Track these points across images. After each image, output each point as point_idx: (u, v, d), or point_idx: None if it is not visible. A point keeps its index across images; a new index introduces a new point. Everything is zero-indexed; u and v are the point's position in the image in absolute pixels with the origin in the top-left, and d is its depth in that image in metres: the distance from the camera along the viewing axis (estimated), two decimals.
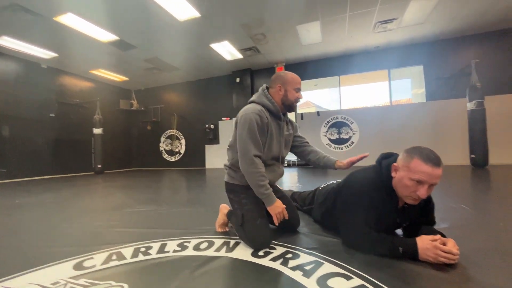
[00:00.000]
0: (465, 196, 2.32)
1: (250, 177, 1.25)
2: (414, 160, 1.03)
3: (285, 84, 1.38)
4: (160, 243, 1.36)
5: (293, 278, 0.94)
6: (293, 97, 1.38)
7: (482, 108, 4.51)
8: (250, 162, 1.24)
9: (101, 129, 6.49)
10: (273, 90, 1.40)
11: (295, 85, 1.38)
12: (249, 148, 1.24)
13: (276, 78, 1.41)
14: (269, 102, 1.37)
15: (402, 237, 1.11)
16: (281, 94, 1.38)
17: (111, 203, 2.55)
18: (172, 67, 6.64)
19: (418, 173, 1.01)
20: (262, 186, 1.24)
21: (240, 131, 1.27)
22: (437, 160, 1.01)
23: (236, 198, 1.38)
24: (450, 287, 0.85)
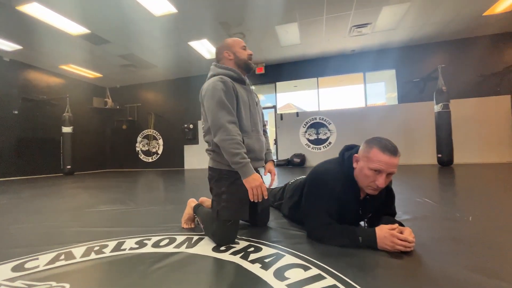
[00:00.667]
0: (430, 191, 2.43)
1: (223, 145, 1.13)
2: (373, 150, 1.05)
3: (230, 48, 1.32)
4: (117, 241, 1.27)
5: (250, 270, 0.91)
6: (244, 55, 1.32)
7: (448, 110, 4.78)
8: (223, 129, 1.13)
9: (71, 128, 6.12)
10: (222, 60, 1.33)
11: (239, 44, 1.34)
12: (219, 116, 1.14)
13: (219, 49, 1.35)
14: (226, 70, 1.28)
15: (362, 227, 1.12)
16: (232, 58, 1.32)
17: (72, 203, 2.39)
18: (149, 64, 6.43)
19: (376, 162, 1.02)
20: (237, 154, 1.10)
21: (208, 104, 1.18)
22: (394, 150, 1.03)
23: (216, 189, 1.23)
24: (403, 272, 0.86)
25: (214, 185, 1.26)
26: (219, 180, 1.23)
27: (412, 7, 4.25)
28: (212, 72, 1.30)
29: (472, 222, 1.40)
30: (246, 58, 1.33)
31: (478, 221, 1.42)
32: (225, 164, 1.22)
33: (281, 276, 0.86)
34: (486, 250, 1.04)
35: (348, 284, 0.79)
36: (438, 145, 4.89)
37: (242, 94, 1.26)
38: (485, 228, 1.30)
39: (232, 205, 1.18)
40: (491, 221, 1.41)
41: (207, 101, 1.19)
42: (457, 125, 5.01)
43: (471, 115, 5.27)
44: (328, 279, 0.83)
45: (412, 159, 5.62)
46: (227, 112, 1.16)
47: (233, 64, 1.32)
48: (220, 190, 1.21)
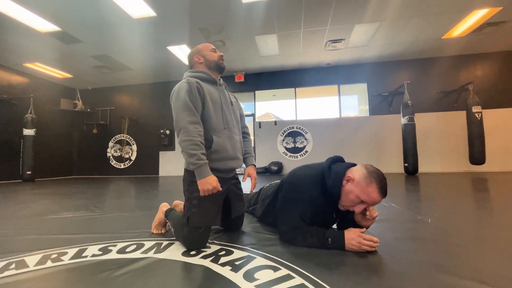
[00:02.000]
0: (396, 197, 2.58)
1: (182, 146, 1.12)
2: (372, 185, 1.05)
3: (199, 52, 1.36)
4: (78, 248, 1.19)
5: (220, 273, 0.89)
6: (214, 57, 1.35)
7: (413, 123, 5.16)
8: (184, 130, 1.12)
9: (33, 130, 5.66)
10: (195, 65, 1.37)
11: (209, 47, 1.38)
12: (181, 117, 1.14)
13: (190, 55, 1.39)
14: (196, 72, 1.31)
15: (331, 229, 1.15)
16: (202, 61, 1.35)
17: (30, 210, 2.19)
18: (124, 67, 6.22)
19: (368, 197, 1.06)
20: (193, 155, 1.09)
21: (173, 105, 1.19)
22: (386, 193, 1.07)
23: (188, 194, 1.20)
24: (367, 269, 0.90)
25: (187, 189, 1.22)
26: (191, 184, 1.19)
27: (381, 26, 4.59)
28: (185, 75, 1.32)
29: (431, 224, 1.50)
30: (216, 60, 1.35)
31: (436, 223, 1.53)
32: None
33: (251, 277, 0.86)
34: (441, 249, 1.12)
35: (316, 282, 0.81)
36: (404, 155, 5.23)
37: (212, 93, 1.27)
38: (442, 229, 1.40)
39: (203, 212, 1.15)
40: (447, 223, 1.53)
41: (173, 103, 1.20)
42: (421, 137, 5.41)
43: (433, 128, 5.73)
44: (297, 279, 0.84)
45: (382, 167, 5.93)
46: (189, 113, 1.15)
47: (203, 67, 1.35)
48: (192, 195, 1.19)
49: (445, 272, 0.87)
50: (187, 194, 1.22)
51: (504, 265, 0.92)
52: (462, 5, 4.01)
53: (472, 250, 1.09)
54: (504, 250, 1.08)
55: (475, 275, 0.84)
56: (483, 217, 1.68)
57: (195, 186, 1.16)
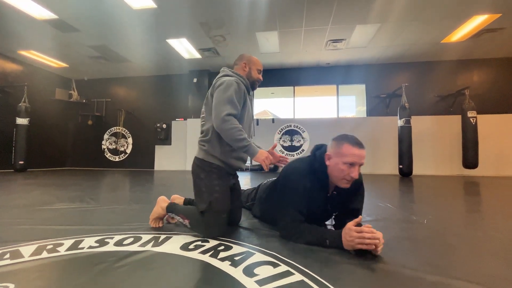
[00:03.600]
0: (391, 198, 2.61)
1: (227, 133, 1.21)
2: (344, 145, 1.12)
3: (250, 62, 1.45)
4: (75, 240, 1.17)
5: (219, 268, 0.89)
6: (255, 76, 1.46)
7: (409, 125, 5.21)
8: (227, 119, 1.21)
9: (27, 120, 5.55)
10: (238, 67, 1.45)
11: (258, 66, 1.47)
12: (226, 107, 1.22)
13: (242, 56, 1.47)
14: (241, 77, 1.39)
15: (330, 229, 1.16)
16: (246, 71, 1.44)
17: (23, 200, 2.15)
18: (122, 58, 6.13)
19: (350, 156, 1.09)
20: (241, 139, 1.19)
21: (218, 95, 1.26)
22: (361, 143, 1.13)
23: (207, 181, 1.28)
24: (365, 267, 0.91)
25: (204, 175, 1.30)
26: (210, 173, 1.30)
27: (382, 28, 4.60)
28: (226, 73, 1.40)
29: (426, 225, 1.53)
30: (255, 79, 1.46)
31: (430, 224, 1.55)
32: (217, 159, 1.30)
33: (251, 273, 0.86)
34: (436, 249, 1.14)
35: (315, 279, 0.82)
36: (400, 157, 5.28)
37: (248, 101, 1.39)
38: (436, 230, 1.42)
39: (224, 197, 1.27)
40: (441, 224, 1.55)
41: (218, 93, 1.27)
42: (416, 139, 5.47)
43: (428, 131, 5.80)
44: (296, 275, 0.84)
45: (377, 169, 6.00)
46: (233, 106, 1.24)
47: (244, 76, 1.43)
48: (212, 183, 1.28)
49: (439, 272, 0.88)
50: (205, 182, 1.28)
51: (496, 266, 0.94)
52: (462, 10, 4.04)
53: (465, 251, 1.11)
54: (496, 251, 1.10)
55: (469, 275, 0.86)
56: (475, 219, 1.71)
57: (213, 175, 1.29)
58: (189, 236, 1.23)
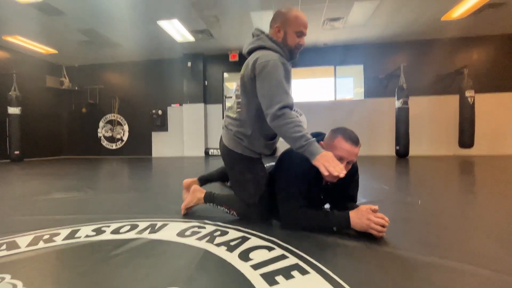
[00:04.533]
0: (387, 179, 2.64)
1: (281, 130, 1.05)
2: (337, 138, 1.09)
3: (285, 24, 1.15)
4: (71, 229, 1.18)
5: (215, 254, 0.90)
6: (293, 42, 1.17)
7: (407, 106, 5.18)
8: (279, 114, 1.03)
9: (18, 109, 5.44)
10: (271, 30, 1.19)
11: (298, 27, 1.15)
12: (275, 101, 1.03)
13: (277, 15, 1.19)
14: (278, 47, 1.15)
15: (336, 212, 1.10)
16: (280, 36, 1.17)
17: (20, 191, 2.15)
18: (113, 43, 5.91)
19: (339, 150, 1.07)
20: (298, 138, 1.00)
21: (266, 82, 1.06)
22: (356, 140, 1.09)
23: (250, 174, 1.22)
24: (359, 250, 0.92)
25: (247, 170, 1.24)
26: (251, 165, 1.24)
27: (381, 4, 4.43)
28: (263, 44, 1.16)
29: (421, 206, 1.55)
30: (293, 47, 1.18)
31: (424, 205, 1.57)
32: (256, 153, 1.24)
33: (246, 257, 0.87)
34: (430, 230, 1.16)
35: (310, 262, 0.83)
36: (397, 138, 5.30)
37: (288, 68, 1.17)
38: (432, 211, 1.44)
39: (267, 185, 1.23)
40: (436, 205, 1.58)
41: (264, 80, 1.07)
42: (414, 120, 5.45)
43: (426, 111, 5.78)
44: (291, 258, 0.86)
45: (374, 150, 6.03)
46: (286, 96, 1.06)
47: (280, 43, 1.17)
48: (258, 175, 1.23)
49: (433, 253, 0.90)
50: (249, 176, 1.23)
51: (489, 246, 0.96)
52: None
53: (459, 231, 1.13)
54: (489, 231, 1.13)
55: (461, 256, 0.87)
56: (469, 199, 1.74)
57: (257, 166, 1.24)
58: (185, 223, 1.24)
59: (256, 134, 1.20)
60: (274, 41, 1.17)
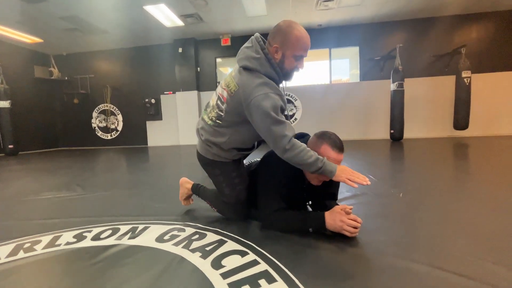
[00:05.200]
0: (376, 167, 2.65)
1: (294, 161, 1.02)
2: (323, 145, 1.06)
3: (284, 45, 1.04)
4: (53, 235, 1.20)
5: (189, 261, 0.92)
6: (290, 66, 1.08)
7: (402, 89, 5.10)
8: (288, 148, 1.00)
9: (8, 102, 5.35)
10: (270, 48, 1.08)
11: (298, 50, 1.05)
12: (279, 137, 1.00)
13: (276, 32, 1.06)
14: (275, 72, 1.07)
15: (312, 213, 1.13)
16: (277, 58, 1.07)
17: (9, 191, 2.16)
18: (98, 29, 5.69)
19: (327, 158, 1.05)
20: (313, 162, 0.98)
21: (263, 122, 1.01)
22: (342, 147, 1.07)
23: (224, 176, 1.23)
24: (329, 253, 0.94)
25: (221, 172, 1.25)
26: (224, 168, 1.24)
27: None
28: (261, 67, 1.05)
29: (402, 199, 1.56)
30: (289, 71, 1.10)
31: (407, 196, 1.59)
32: (229, 158, 1.22)
33: (218, 265, 0.89)
34: (406, 227, 1.18)
35: (279, 268, 0.85)
36: (391, 122, 5.27)
37: (284, 100, 1.12)
38: (412, 204, 1.46)
39: (246, 184, 1.27)
40: (417, 197, 1.60)
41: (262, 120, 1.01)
42: (409, 103, 5.39)
43: (421, 93, 5.70)
44: (262, 265, 0.88)
45: (369, 134, 6.02)
46: (286, 127, 1.02)
47: (273, 65, 1.07)
48: (230, 175, 1.24)
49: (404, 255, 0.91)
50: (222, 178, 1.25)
51: (463, 245, 0.98)
52: None
53: (435, 228, 1.15)
54: (467, 228, 1.14)
55: (430, 257, 0.89)
56: (454, 188, 1.75)
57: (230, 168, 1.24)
58: (166, 225, 1.26)
59: (228, 146, 1.17)
60: (272, 63, 1.07)
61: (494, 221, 1.17)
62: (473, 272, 0.79)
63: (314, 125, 6.33)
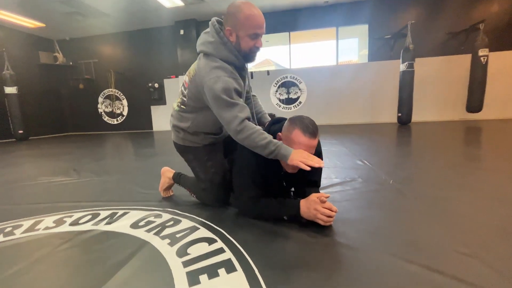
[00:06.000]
0: (374, 152, 2.56)
1: (246, 143, 1.03)
2: (295, 130, 1.02)
3: (236, 27, 1.04)
4: (35, 220, 1.23)
5: (156, 248, 0.92)
6: (247, 47, 1.07)
7: (412, 70, 4.82)
8: (240, 129, 1.01)
9: (15, 88, 5.45)
10: (225, 31, 1.08)
11: (251, 29, 1.03)
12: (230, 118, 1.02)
13: (227, 14, 1.06)
14: (232, 55, 1.07)
15: (288, 201, 1.09)
16: (233, 40, 1.06)
17: (9, 176, 2.23)
18: (98, 12, 5.60)
19: (297, 144, 1.01)
20: (266, 145, 0.99)
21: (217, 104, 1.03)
22: (314, 132, 1.01)
23: (197, 162, 1.26)
24: (298, 244, 0.91)
25: (194, 157, 1.27)
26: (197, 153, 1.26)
27: None
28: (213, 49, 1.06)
29: (391, 186, 1.50)
30: (248, 49, 1.08)
31: (398, 184, 1.52)
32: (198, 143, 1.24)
33: (183, 252, 0.88)
34: (387, 215, 1.13)
35: (243, 258, 0.83)
36: (399, 105, 5.05)
37: (240, 82, 1.10)
38: (399, 192, 1.39)
39: (221, 168, 1.25)
40: (406, 185, 1.52)
41: (215, 101, 1.03)
42: (419, 84, 5.11)
43: (433, 73, 5.37)
44: (227, 253, 0.86)
45: (376, 118, 5.82)
46: (239, 109, 1.02)
47: (231, 47, 1.07)
48: (203, 159, 1.25)
49: (372, 245, 0.88)
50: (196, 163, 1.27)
51: (440, 236, 0.93)
52: None
53: (417, 217, 1.09)
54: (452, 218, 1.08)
55: (403, 249, 0.85)
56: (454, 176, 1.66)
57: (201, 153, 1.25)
58: (145, 211, 1.27)
59: (193, 130, 1.21)
60: (228, 46, 1.06)
61: (486, 213, 1.10)
62: (445, 266, 0.74)
63: (320, 108, 6.16)
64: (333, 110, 6.11)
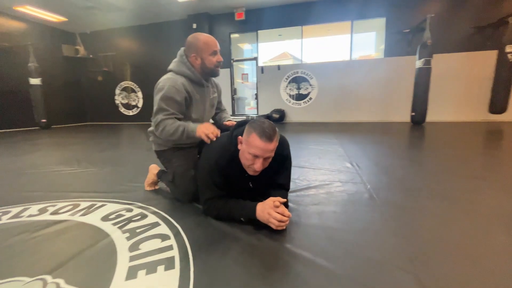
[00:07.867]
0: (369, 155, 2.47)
1: (162, 135, 1.29)
2: (252, 135, 1.02)
3: (198, 52, 1.32)
4: (23, 207, 1.35)
5: (113, 241, 0.98)
6: (211, 64, 1.34)
7: (429, 66, 4.54)
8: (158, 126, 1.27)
9: (39, 79, 5.85)
10: (190, 59, 1.35)
11: (210, 49, 1.32)
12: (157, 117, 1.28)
13: (189, 46, 1.34)
14: (189, 71, 1.33)
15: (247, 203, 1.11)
16: (199, 63, 1.34)
17: (18, 164, 2.42)
18: (114, 7, 5.80)
19: (254, 148, 1.01)
20: (175, 130, 1.25)
21: (155, 100, 1.30)
22: (271, 136, 1.01)
23: (166, 162, 1.46)
24: (244, 248, 0.93)
25: (163, 159, 1.48)
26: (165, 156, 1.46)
27: None
28: (176, 67, 1.34)
29: (366, 192, 1.45)
30: (213, 67, 1.35)
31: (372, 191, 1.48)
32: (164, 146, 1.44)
33: (135, 247, 0.94)
34: (347, 223, 1.11)
35: (186, 257, 0.87)
36: (413, 103, 4.80)
37: (196, 94, 1.36)
38: (368, 200, 1.34)
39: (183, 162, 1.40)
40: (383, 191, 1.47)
41: (156, 95, 1.29)
42: (437, 81, 4.83)
43: (452, 71, 5.04)
44: (173, 251, 0.91)
45: (388, 116, 5.59)
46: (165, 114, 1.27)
47: (198, 67, 1.34)
48: (169, 160, 1.43)
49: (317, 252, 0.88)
50: (166, 163, 1.48)
51: (388, 249, 0.91)
52: None
53: (375, 228, 1.07)
54: (405, 230, 1.05)
55: (345, 261, 0.84)
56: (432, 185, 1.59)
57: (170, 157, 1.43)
58: (120, 204, 1.35)
59: None
60: (187, 65, 1.33)
61: (449, 228, 1.05)
62: (376, 282, 0.73)
63: (330, 105, 6.02)
64: (344, 107, 5.94)
